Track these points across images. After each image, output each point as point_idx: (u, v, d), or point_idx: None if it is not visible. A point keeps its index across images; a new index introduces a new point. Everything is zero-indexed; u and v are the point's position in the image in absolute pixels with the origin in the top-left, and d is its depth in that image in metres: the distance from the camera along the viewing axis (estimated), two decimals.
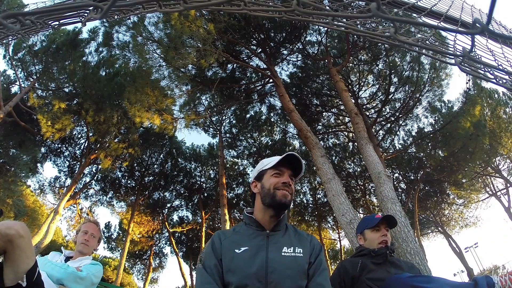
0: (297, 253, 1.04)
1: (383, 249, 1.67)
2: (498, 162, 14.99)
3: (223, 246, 1.06)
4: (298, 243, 1.08)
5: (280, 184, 1.11)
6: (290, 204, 1.11)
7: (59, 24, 1.83)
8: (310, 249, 1.09)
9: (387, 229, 1.77)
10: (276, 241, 1.07)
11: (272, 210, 1.10)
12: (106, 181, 15.58)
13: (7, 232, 1.02)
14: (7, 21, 0.37)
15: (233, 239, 1.08)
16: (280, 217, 1.13)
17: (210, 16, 7.69)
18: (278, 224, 1.12)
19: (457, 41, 1.01)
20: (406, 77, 11.05)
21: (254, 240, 1.06)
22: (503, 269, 20.60)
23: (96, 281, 1.71)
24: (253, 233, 1.09)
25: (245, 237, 1.08)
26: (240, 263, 0.99)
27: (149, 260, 17.92)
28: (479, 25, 0.40)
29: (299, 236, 1.13)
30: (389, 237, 1.76)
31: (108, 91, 11.31)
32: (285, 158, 1.14)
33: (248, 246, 1.04)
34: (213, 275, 0.99)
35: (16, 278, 1.05)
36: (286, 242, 1.07)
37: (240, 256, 1.01)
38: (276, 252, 1.02)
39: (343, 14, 1.07)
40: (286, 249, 1.04)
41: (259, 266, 0.97)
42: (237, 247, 1.03)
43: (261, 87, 11.36)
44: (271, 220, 1.11)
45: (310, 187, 16.81)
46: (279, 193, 1.09)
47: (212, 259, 1.02)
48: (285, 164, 1.15)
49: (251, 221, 1.13)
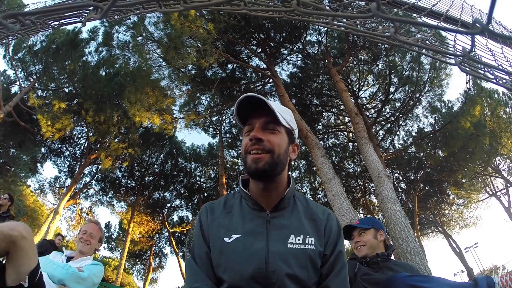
0: (307, 244, 0.76)
1: (374, 258, 1.65)
2: (498, 162, 15.00)
3: (210, 229, 0.80)
4: (310, 228, 0.80)
5: (249, 144, 0.79)
6: (268, 167, 0.77)
7: (59, 24, 1.83)
8: (326, 236, 0.80)
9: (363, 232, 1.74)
10: (280, 226, 0.78)
11: (256, 181, 0.82)
12: (106, 181, 15.58)
13: (10, 234, 1.02)
14: (7, 21, 0.37)
15: (223, 221, 0.81)
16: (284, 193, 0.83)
17: (210, 16, 7.70)
18: (281, 202, 0.82)
19: (457, 41, 1.01)
20: (406, 77, 11.06)
21: (249, 224, 0.78)
22: (503, 269, 20.60)
23: (97, 281, 1.72)
24: (250, 213, 0.81)
25: (238, 219, 0.80)
26: (231, 258, 0.74)
27: (149, 260, 17.92)
28: (479, 25, 0.40)
29: (311, 214, 0.83)
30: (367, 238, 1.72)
31: (108, 91, 11.31)
32: (243, 107, 0.82)
33: (241, 233, 0.77)
34: (206, 268, 0.76)
35: (18, 279, 1.05)
36: (294, 228, 0.78)
37: (230, 247, 0.75)
38: (280, 243, 0.75)
39: (343, 14, 1.07)
40: (294, 238, 0.76)
41: (257, 264, 0.72)
42: (226, 234, 0.77)
43: (261, 87, 11.36)
44: (265, 194, 0.82)
45: (310, 187, 16.80)
46: (249, 158, 0.79)
47: (202, 246, 0.79)
48: (254, 114, 0.82)
49: (246, 197, 0.84)
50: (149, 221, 16.57)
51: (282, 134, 0.82)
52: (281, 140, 0.81)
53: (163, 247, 19.22)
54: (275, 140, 0.79)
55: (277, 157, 0.78)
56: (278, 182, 0.82)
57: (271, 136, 0.80)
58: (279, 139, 0.81)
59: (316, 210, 0.86)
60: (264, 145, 0.78)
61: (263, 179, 0.80)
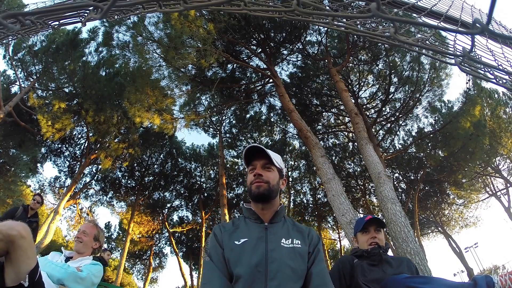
0: (295, 244, 1.06)
1: (376, 249, 1.66)
2: (498, 162, 14.99)
3: (223, 238, 1.08)
4: (296, 235, 1.11)
5: (253, 178, 1.14)
6: (266, 192, 1.11)
7: (59, 24, 1.83)
8: (308, 240, 1.12)
9: (378, 230, 1.76)
10: (275, 232, 1.09)
11: (257, 203, 1.14)
12: (106, 181, 15.58)
13: (9, 233, 1.02)
14: (7, 21, 0.37)
15: (233, 231, 1.11)
16: (277, 209, 1.15)
17: (210, 16, 7.70)
18: (275, 216, 1.14)
19: (457, 41, 1.01)
20: (406, 77, 11.06)
21: (253, 232, 1.08)
22: (503, 269, 20.59)
23: (96, 281, 1.71)
24: (252, 225, 1.11)
25: (244, 229, 1.10)
26: (240, 254, 1.01)
27: (149, 260, 17.93)
28: (479, 25, 0.40)
29: (297, 229, 1.16)
30: (381, 238, 1.74)
31: (108, 91, 11.31)
32: (248, 153, 1.18)
33: (248, 237, 1.06)
34: (222, 267, 1.01)
35: (18, 279, 1.05)
36: (285, 234, 1.09)
37: (240, 247, 1.03)
38: (275, 243, 1.04)
39: (343, 14, 1.07)
40: (285, 240, 1.06)
41: (260, 257, 0.99)
42: (236, 239, 1.06)
43: (261, 87, 11.36)
44: (263, 212, 1.14)
45: (310, 187, 16.81)
46: (253, 186, 1.13)
47: (218, 250, 1.05)
48: (255, 157, 1.18)
49: (250, 213, 1.15)
50: (149, 221, 16.57)
51: (275, 172, 1.18)
52: (274, 175, 1.17)
53: (163, 247, 19.25)
54: (271, 176, 1.15)
55: (272, 186, 1.13)
56: (272, 205, 1.15)
57: (268, 173, 1.15)
58: (273, 175, 1.16)
59: (300, 226, 1.19)
60: (263, 178, 1.13)
61: (262, 201, 1.13)
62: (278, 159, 1.22)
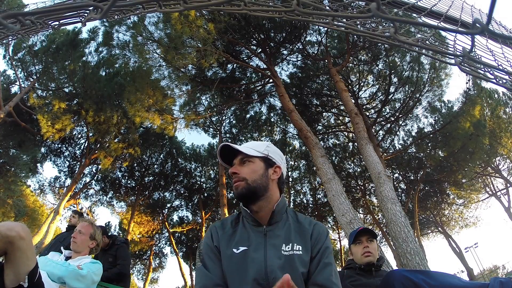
0: (295, 251, 0.94)
1: (369, 266, 1.67)
2: (498, 162, 15.00)
3: (221, 242, 0.98)
4: (298, 238, 0.98)
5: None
6: (246, 191, 0.98)
7: (59, 24, 1.83)
8: (311, 242, 0.98)
9: (371, 240, 1.76)
10: (275, 237, 0.98)
11: (245, 206, 1.03)
12: (106, 181, 15.58)
13: (7, 234, 1.02)
14: (7, 21, 0.37)
15: (231, 235, 1.00)
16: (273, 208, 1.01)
17: (210, 16, 7.69)
18: (274, 216, 1.01)
19: (457, 41, 1.01)
20: (406, 77, 11.06)
21: (252, 239, 0.97)
22: (503, 269, 20.60)
23: (96, 280, 1.72)
24: (251, 229, 1.00)
25: (243, 235, 0.99)
26: (238, 265, 0.92)
27: (149, 260, 17.91)
28: (479, 25, 0.40)
29: (300, 227, 1.02)
30: (374, 247, 1.74)
31: (108, 91, 11.31)
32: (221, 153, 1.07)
33: (246, 245, 0.96)
34: (216, 274, 0.92)
35: (17, 280, 1.05)
36: (285, 238, 0.97)
37: (238, 257, 0.93)
38: (275, 251, 0.94)
39: (343, 14, 1.07)
40: (285, 246, 0.95)
41: (258, 269, 0.90)
42: (235, 246, 0.96)
43: (261, 87, 11.36)
44: (258, 213, 1.02)
45: (310, 187, 16.80)
46: (234, 188, 1.02)
47: (212, 256, 0.96)
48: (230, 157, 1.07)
49: (247, 216, 1.02)
50: (149, 221, 16.57)
51: (255, 163, 1.03)
52: (252, 168, 1.02)
53: (163, 247, 19.22)
54: (246, 170, 1.01)
55: (252, 182, 0.99)
56: (266, 202, 1.01)
57: (243, 169, 1.02)
58: (250, 168, 1.02)
59: (304, 222, 1.04)
60: (238, 176, 1.00)
61: (247, 202, 1.01)
62: (262, 147, 1.06)
